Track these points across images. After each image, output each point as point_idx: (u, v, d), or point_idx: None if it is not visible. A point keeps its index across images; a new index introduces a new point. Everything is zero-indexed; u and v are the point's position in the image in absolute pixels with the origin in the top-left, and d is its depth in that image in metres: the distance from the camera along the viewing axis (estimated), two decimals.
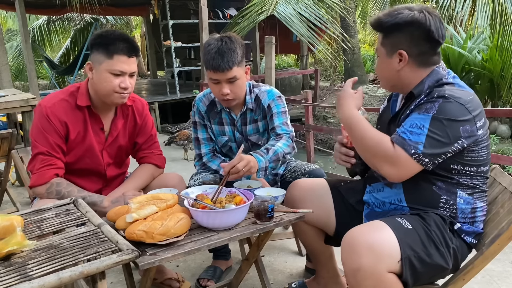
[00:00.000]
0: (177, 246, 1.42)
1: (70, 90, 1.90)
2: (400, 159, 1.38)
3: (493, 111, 6.19)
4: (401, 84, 1.54)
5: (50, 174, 1.79)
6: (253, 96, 2.12)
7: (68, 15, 12.22)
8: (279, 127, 2.08)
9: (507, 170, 5.07)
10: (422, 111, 1.40)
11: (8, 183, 3.36)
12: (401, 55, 1.48)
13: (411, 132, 1.38)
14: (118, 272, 2.31)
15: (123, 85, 1.80)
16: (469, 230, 1.48)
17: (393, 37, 1.49)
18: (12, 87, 6.18)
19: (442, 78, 1.48)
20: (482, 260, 1.43)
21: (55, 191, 1.78)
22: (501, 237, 1.39)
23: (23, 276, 1.07)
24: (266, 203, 1.57)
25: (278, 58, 14.96)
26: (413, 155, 1.37)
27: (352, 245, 1.33)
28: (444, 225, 1.44)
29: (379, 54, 1.56)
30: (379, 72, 1.59)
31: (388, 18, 1.49)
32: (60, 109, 1.84)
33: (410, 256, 1.32)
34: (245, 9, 5.82)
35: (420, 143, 1.36)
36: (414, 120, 1.40)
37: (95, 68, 1.81)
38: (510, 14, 5.79)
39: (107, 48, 1.77)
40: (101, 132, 1.94)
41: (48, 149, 1.80)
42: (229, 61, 1.87)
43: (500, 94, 6.93)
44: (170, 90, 8.99)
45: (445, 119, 1.36)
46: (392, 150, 1.39)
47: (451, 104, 1.37)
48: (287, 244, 2.67)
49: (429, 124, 1.37)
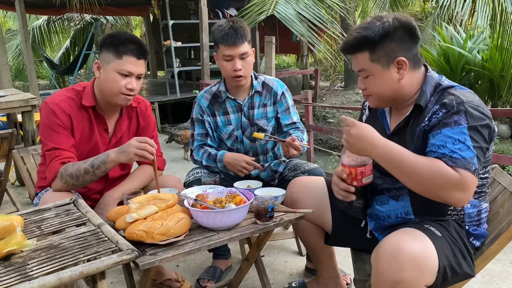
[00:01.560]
0: (177, 246, 1.42)
1: (76, 89, 1.91)
2: (468, 181, 1.28)
3: (493, 111, 6.18)
4: (402, 94, 1.47)
5: (56, 165, 1.78)
6: (259, 81, 2.22)
7: (68, 15, 12.23)
8: (299, 122, 2.26)
9: (507, 170, 5.06)
10: (452, 125, 1.32)
11: (8, 183, 3.36)
12: (400, 62, 1.42)
13: (460, 150, 1.30)
14: (118, 272, 2.31)
15: (130, 86, 1.81)
16: (476, 232, 1.47)
17: (385, 48, 1.41)
18: (12, 87, 6.18)
19: (439, 82, 1.45)
20: (482, 260, 1.43)
21: (66, 177, 1.75)
22: (501, 237, 1.39)
23: (23, 276, 1.07)
24: (266, 203, 1.57)
25: (278, 58, 14.97)
26: (475, 172, 1.29)
27: (395, 256, 1.25)
28: (462, 231, 1.43)
29: (372, 72, 1.45)
30: (377, 90, 1.47)
31: (372, 31, 1.40)
32: (66, 105, 1.84)
33: (446, 265, 1.30)
34: (245, 9, 5.81)
35: (473, 157, 1.29)
36: (452, 137, 1.32)
37: (103, 68, 1.82)
38: (510, 14, 5.79)
39: (117, 48, 1.78)
40: (105, 133, 1.94)
41: (54, 144, 1.81)
42: (242, 36, 2.01)
43: (500, 94, 6.92)
44: (170, 90, 8.98)
45: (479, 125, 1.32)
46: (456, 176, 1.28)
47: (473, 110, 1.33)
48: (287, 244, 2.67)
49: (469, 136, 1.30)
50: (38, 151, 2.29)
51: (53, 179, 1.79)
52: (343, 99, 9.77)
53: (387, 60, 1.42)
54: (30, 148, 2.34)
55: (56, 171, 1.78)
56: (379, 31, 1.40)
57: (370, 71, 1.45)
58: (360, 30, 1.44)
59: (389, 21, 1.41)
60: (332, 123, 8.59)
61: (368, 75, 1.46)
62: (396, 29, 1.41)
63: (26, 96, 3.90)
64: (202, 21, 7.14)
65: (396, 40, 1.41)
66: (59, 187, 1.79)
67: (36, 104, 3.72)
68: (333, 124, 8.51)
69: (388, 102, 1.52)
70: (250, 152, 2.26)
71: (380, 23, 1.41)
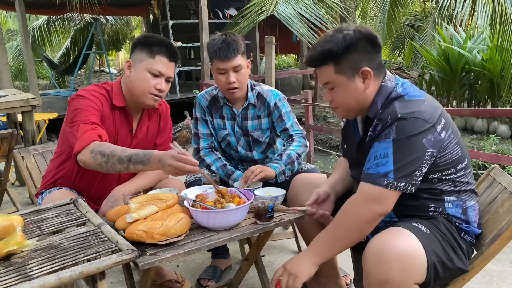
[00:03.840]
0: (177, 246, 1.42)
1: (106, 88, 1.89)
2: (377, 194, 1.35)
3: (493, 111, 6.21)
4: (367, 103, 1.49)
5: (92, 135, 1.68)
6: (254, 93, 2.21)
7: (68, 15, 12.21)
8: (292, 128, 2.19)
9: (507, 170, 5.06)
10: (382, 139, 1.38)
11: (8, 183, 3.36)
12: (364, 72, 1.44)
13: (377, 165, 1.36)
14: (118, 272, 2.31)
15: (159, 86, 1.82)
16: (467, 229, 1.48)
17: (349, 59, 1.43)
18: (12, 87, 6.17)
19: (391, 93, 1.46)
20: (482, 260, 1.43)
21: (98, 152, 1.63)
22: (501, 237, 1.39)
23: (23, 276, 1.07)
24: (266, 203, 1.57)
25: (278, 58, 14.96)
26: (388, 185, 1.33)
27: (381, 255, 1.27)
28: (452, 227, 1.44)
29: (338, 84, 1.47)
30: (344, 101, 1.50)
31: (335, 44, 1.43)
32: (99, 98, 1.83)
33: (435, 261, 1.31)
34: (245, 9, 5.82)
35: (389, 172, 1.33)
36: (377, 151, 1.38)
37: (134, 67, 1.83)
38: (510, 14, 5.79)
39: (151, 48, 1.81)
40: (129, 133, 1.93)
41: (91, 119, 1.73)
42: (234, 49, 2.01)
43: (500, 94, 6.92)
44: (170, 90, 8.91)
45: (405, 137, 1.34)
46: (363, 195, 1.38)
47: (406, 121, 1.35)
48: (287, 244, 2.67)
49: (392, 149, 1.34)
50: (38, 151, 2.29)
51: (83, 147, 1.66)
52: None
53: (352, 71, 1.45)
54: (30, 148, 2.34)
55: (90, 142, 1.66)
56: (342, 43, 1.42)
57: (336, 82, 1.48)
58: (323, 43, 1.46)
59: (350, 33, 1.44)
60: (332, 123, 8.59)
61: (334, 86, 1.49)
62: (358, 40, 1.43)
63: (26, 96, 3.90)
64: (202, 21, 7.14)
65: (359, 51, 1.44)
66: (86, 159, 1.65)
67: (36, 104, 3.72)
68: (333, 124, 8.51)
69: (355, 113, 1.56)
70: (246, 160, 2.27)
71: (342, 36, 1.43)
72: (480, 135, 6.82)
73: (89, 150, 1.65)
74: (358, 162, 1.57)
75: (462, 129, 7.13)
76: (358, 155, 1.57)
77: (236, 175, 2.15)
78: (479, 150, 5.71)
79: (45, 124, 5.88)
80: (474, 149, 5.84)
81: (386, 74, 1.51)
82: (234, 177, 2.14)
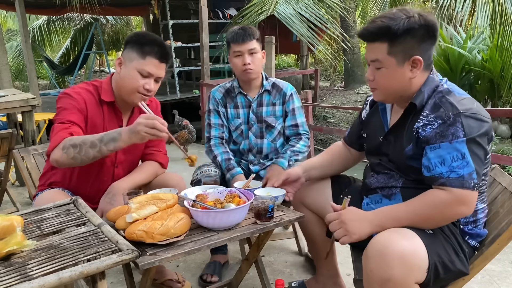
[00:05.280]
0: (177, 246, 1.42)
1: (95, 84, 1.91)
2: (467, 197, 1.31)
3: (493, 111, 6.18)
4: (410, 92, 1.45)
5: (63, 134, 1.70)
6: (270, 82, 2.37)
7: (68, 15, 12.21)
8: (302, 126, 2.36)
9: (507, 170, 5.07)
10: (450, 139, 1.33)
11: (8, 183, 3.36)
12: (415, 61, 1.40)
13: (458, 167, 1.31)
14: (118, 272, 2.31)
15: (147, 86, 1.81)
16: (472, 232, 1.47)
17: (405, 43, 1.38)
18: (12, 87, 6.17)
19: (439, 85, 1.44)
20: (482, 260, 1.43)
21: (69, 146, 1.65)
22: (501, 237, 1.39)
23: (23, 276, 1.07)
24: (266, 203, 1.57)
25: (278, 58, 14.95)
26: (475, 187, 1.31)
27: (383, 254, 1.26)
28: (456, 229, 1.44)
29: (386, 65, 1.42)
30: (387, 84, 1.45)
31: (397, 23, 1.36)
32: (85, 96, 1.84)
33: (436, 262, 1.31)
34: (245, 9, 5.81)
35: (472, 172, 1.31)
36: (450, 153, 1.33)
37: (125, 64, 1.83)
38: (510, 14, 5.78)
39: (142, 48, 1.80)
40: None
41: (67, 118, 1.76)
42: (250, 34, 2.22)
43: (500, 94, 6.92)
44: (170, 90, 8.97)
45: (477, 136, 1.32)
46: (452, 197, 1.31)
47: (471, 120, 1.32)
48: (287, 244, 2.67)
49: (468, 149, 1.31)
50: (38, 151, 2.28)
51: (54, 147, 1.67)
52: (343, 99, 9.77)
53: (403, 56, 1.39)
54: (30, 148, 2.34)
55: (60, 140, 1.67)
56: (403, 25, 1.36)
57: (384, 63, 1.42)
58: (384, 19, 1.39)
59: (415, 16, 1.37)
60: (332, 123, 8.59)
61: (381, 67, 1.43)
62: (420, 26, 1.37)
63: (26, 96, 3.90)
64: (202, 21, 7.13)
65: (417, 38, 1.38)
66: (57, 158, 1.67)
67: (36, 104, 3.72)
68: (333, 124, 8.51)
69: (394, 98, 1.51)
70: (254, 149, 2.36)
71: (406, 17, 1.37)
72: None
73: (60, 148, 1.67)
74: (380, 151, 1.56)
75: None
76: (383, 144, 1.55)
77: (235, 171, 2.21)
78: None
79: (45, 124, 5.88)
80: None
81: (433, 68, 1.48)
82: (233, 172, 2.21)
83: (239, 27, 2.26)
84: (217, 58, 7.74)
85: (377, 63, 1.44)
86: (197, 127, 5.32)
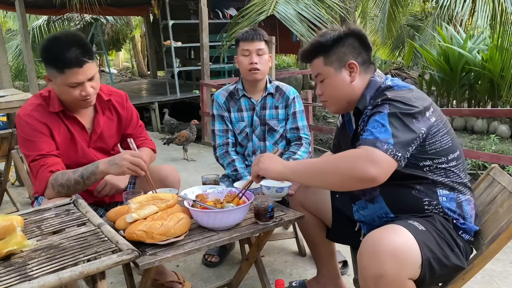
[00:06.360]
0: (177, 246, 1.42)
1: (43, 95, 1.88)
2: (377, 156, 1.32)
3: (493, 111, 6.20)
4: (355, 97, 1.56)
5: (45, 175, 1.76)
6: (273, 85, 2.40)
7: (68, 15, 12.22)
8: (303, 130, 2.38)
9: (507, 170, 5.06)
10: (376, 114, 1.41)
11: (8, 183, 3.36)
12: (351, 65, 1.54)
13: (377, 131, 1.37)
14: (118, 272, 2.31)
15: (84, 93, 1.78)
16: (464, 227, 1.48)
17: (337, 52, 1.55)
18: (12, 87, 6.18)
19: (381, 85, 1.53)
20: (482, 260, 1.43)
21: (57, 187, 1.74)
22: (501, 237, 1.39)
23: (23, 276, 1.07)
24: (266, 203, 1.57)
25: (278, 58, 14.96)
26: (387, 151, 1.32)
27: (375, 250, 1.28)
28: (449, 224, 1.44)
29: (326, 76, 1.57)
30: (331, 93, 1.59)
31: (325, 37, 1.55)
32: (38, 114, 1.83)
33: (430, 258, 1.31)
34: (245, 9, 5.81)
35: (389, 138, 1.34)
36: (374, 122, 1.40)
37: (53, 81, 1.79)
38: (510, 14, 5.78)
39: (56, 65, 1.71)
40: (84, 131, 1.94)
41: (37, 152, 1.78)
42: (259, 34, 2.28)
43: (500, 94, 6.92)
44: (170, 90, 8.98)
45: (400, 113, 1.37)
46: (365, 152, 1.33)
47: (398, 103, 1.40)
48: (287, 244, 2.67)
49: (388, 121, 1.37)
50: None
51: (44, 188, 1.77)
52: None
53: (339, 63, 1.55)
54: None
55: (46, 181, 1.75)
56: (331, 37, 1.55)
57: (325, 74, 1.58)
58: (316, 38, 1.59)
59: (341, 29, 1.58)
60: (332, 123, 8.59)
61: (324, 79, 1.58)
62: (346, 35, 1.55)
63: (26, 96, 3.90)
64: (202, 21, 7.13)
65: (347, 45, 1.55)
66: (53, 195, 1.76)
67: None
68: (333, 124, 8.51)
69: (343, 106, 1.61)
70: (258, 151, 2.39)
71: (333, 31, 1.57)
72: (480, 135, 6.82)
73: (50, 189, 1.76)
74: None
75: (462, 129, 7.12)
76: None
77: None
78: (479, 150, 5.70)
79: None
80: (474, 149, 5.83)
81: (375, 71, 1.59)
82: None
83: (249, 28, 2.33)
84: (217, 58, 7.73)
85: (319, 76, 1.60)
86: (197, 127, 5.33)
